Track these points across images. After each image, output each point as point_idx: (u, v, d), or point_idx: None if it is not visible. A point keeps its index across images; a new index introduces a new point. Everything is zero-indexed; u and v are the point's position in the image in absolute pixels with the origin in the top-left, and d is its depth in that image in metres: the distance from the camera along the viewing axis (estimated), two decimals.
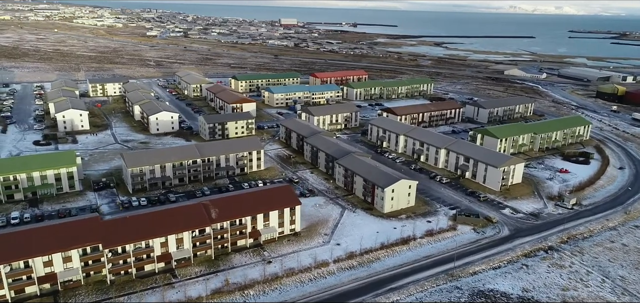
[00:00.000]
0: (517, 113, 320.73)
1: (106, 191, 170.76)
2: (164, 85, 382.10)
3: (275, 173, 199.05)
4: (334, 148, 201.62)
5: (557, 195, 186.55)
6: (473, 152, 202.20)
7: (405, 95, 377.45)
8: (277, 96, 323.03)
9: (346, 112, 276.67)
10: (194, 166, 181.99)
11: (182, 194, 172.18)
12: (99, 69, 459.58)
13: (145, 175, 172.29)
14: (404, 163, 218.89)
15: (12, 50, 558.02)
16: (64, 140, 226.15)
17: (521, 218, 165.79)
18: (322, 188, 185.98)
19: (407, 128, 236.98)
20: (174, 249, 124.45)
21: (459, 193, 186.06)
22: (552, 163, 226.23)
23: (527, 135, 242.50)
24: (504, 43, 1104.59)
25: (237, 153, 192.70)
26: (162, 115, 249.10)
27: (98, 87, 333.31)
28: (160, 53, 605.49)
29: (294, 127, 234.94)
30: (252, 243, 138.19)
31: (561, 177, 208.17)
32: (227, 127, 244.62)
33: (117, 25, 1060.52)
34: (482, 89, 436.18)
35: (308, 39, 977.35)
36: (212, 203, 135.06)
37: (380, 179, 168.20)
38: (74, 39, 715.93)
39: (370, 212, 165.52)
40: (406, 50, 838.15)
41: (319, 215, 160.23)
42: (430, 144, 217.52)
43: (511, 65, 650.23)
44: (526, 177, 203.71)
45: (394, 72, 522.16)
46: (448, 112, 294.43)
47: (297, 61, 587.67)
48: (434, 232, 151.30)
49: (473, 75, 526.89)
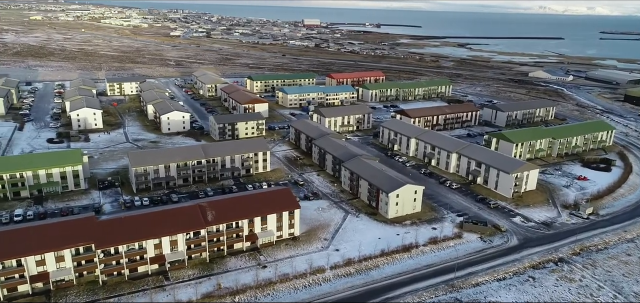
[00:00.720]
0: (537, 116, 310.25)
1: (111, 190, 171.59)
2: (180, 85, 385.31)
3: (281, 175, 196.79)
4: (341, 150, 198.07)
5: (572, 204, 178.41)
6: (485, 157, 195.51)
7: (422, 97, 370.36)
8: (291, 97, 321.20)
9: (358, 114, 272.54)
10: (198, 167, 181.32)
11: (185, 195, 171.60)
12: (120, 68, 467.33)
13: (149, 175, 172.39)
14: (414, 167, 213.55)
15: (38, 49, 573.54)
16: (76, 138, 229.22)
17: (532, 228, 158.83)
18: (328, 191, 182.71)
19: (418, 131, 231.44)
20: (168, 251, 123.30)
21: (469, 200, 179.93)
22: (570, 170, 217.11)
23: (545, 139, 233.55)
24: (530, 44, 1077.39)
25: (243, 154, 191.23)
26: (174, 115, 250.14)
27: (116, 86, 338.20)
28: (181, 53, 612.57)
29: (303, 128, 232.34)
30: (249, 246, 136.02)
31: (579, 185, 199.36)
32: (237, 127, 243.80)
33: (142, 25, 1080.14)
34: (503, 91, 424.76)
35: (330, 39, 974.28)
36: (209, 206, 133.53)
37: (384, 183, 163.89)
38: (99, 39, 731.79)
39: (374, 217, 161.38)
40: (428, 51, 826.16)
41: (321, 219, 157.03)
42: (441, 148, 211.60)
43: (536, 67, 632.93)
44: (541, 183, 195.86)
45: (414, 73, 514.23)
46: (464, 115, 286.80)
47: (316, 62, 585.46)
48: (438, 239, 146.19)
49: (495, 77, 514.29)
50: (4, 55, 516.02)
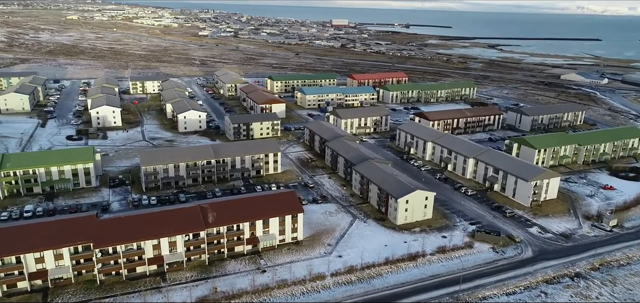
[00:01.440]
0: (565, 121, 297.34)
1: (121, 188, 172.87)
2: (202, 84, 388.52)
3: (292, 177, 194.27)
4: (353, 153, 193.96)
5: (595, 215, 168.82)
6: (503, 163, 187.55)
7: (445, 99, 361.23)
8: (309, 97, 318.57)
9: (376, 116, 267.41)
10: (208, 167, 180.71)
11: (193, 195, 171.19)
12: (145, 66, 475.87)
13: (159, 174, 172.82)
14: (430, 172, 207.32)
15: (70, 48, 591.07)
16: (94, 136, 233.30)
17: (549, 239, 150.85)
18: (337, 194, 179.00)
19: (435, 134, 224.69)
20: (166, 252, 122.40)
21: (484, 207, 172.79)
22: (596, 178, 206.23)
23: (570, 146, 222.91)
24: (565, 46, 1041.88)
25: (253, 155, 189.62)
26: (190, 114, 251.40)
27: (138, 84, 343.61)
28: (207, 52, 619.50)
29: (317, 129, 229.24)
30: (250, 250, 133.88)
31: (604, 194, 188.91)
32: (252, 127, 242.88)
33: (172, 25, 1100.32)
34: (531, 94, 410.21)
35: (357, 39, 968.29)
36: (210, 207, 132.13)
37: (394, 189, 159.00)
38: (129, 38, 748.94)
39: (382, 223, 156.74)
40: (457, 52, 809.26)
41: (327, 224, 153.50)
42: (458, 153, 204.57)
43: (569, 69, 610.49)
44: (563, 192, 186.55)
45: (438, 75, 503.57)
46: (486, 118, 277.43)
47: (340, 62, 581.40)
48: (446, 248, 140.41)
49: (524, 80, 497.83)
50: (38, 53, 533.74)
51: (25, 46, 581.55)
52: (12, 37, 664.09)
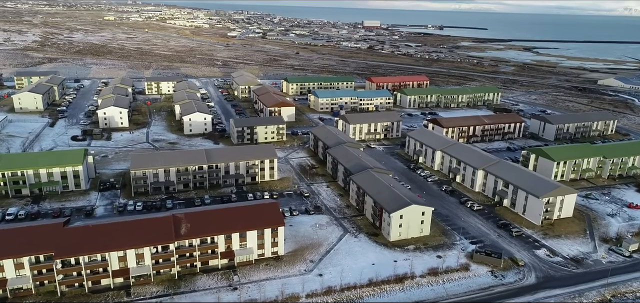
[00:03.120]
0: (594, 131, 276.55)
1: (111, 192, 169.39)
2: (219, 85, 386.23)
3: (288, 184, 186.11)
4: (353, 161, 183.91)
5: (614, 237, 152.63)
6: (513, 177, 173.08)
7: (466, 104, 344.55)
8: (322, 101, 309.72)
9: (387, 121, 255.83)
10: (199, 172, 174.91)
11: (182, 201, 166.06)
12: (168, 67, 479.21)
13: (148, 178, 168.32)
14: (436, 182, 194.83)
15: (100, 48, 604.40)
16: (98, 136, 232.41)
17: (557, 264, 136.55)
18: (333, 205, 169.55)
19: (445, 143, 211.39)
20: (133, 264, 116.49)
21: (489, 225, 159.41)
22: (621, 196, 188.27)
23: (594, 158, 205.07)
24: (607, 49, 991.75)
25: (248, 161, 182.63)
26: (196, 116, 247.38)
27: (153, 85, 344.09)
28: (231, 53, 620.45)
29: (322, 135, 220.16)
30: (226, 264, 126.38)
31: (628, 214, 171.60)
32: (257, 131, 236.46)
33: (203, 25, 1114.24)
34: (561, 100, 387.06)
35: (387, 41, 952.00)
36: (184, 217, 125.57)
37: (388, 202, 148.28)
38: (158, 39, 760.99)
39: (374, 238, 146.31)
40: (489, 55, 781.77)
41: (314, 238, 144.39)
42: (467, 163, 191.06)
43: (608, 73, 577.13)
44: (581, 210, 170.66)
45: (464, 79, 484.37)
46: (506, 126, 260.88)
47: (363, 64, 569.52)
48: (439, 271, 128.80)
49: (557, 85, 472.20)
50: (68, 53, 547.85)
51: (57, 46, 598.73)
52: (46, 37, 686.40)
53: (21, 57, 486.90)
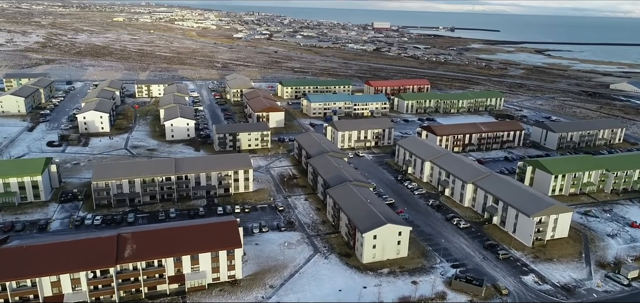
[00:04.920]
0: (600, 139, 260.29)
1: (73, 204, 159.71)
2: (213, 89, 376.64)
3: (264, 196, 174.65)
4: (333, 173, 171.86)
5: (612, 262, 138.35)
6: (503, 192, 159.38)
7: (466, 110, 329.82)
8: (314, 105, 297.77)
9: (378, 128, 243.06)
10: (167, 183, 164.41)
11: (146, 214, 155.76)
12: (165, 69, 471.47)
13: (111, 190, 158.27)
14: (424, 196, 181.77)
15: (101, 49, 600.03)
16: (74, 142, 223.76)
17: (546, 293, 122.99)
18: (307, 221, 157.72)
19: (435, 153, 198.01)
20: (68, 290, 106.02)
21: (475, 245, 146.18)
22: (624, 213, 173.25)
23: (596, 171, 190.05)
24: (622, 52, 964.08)
25: (221, 171, 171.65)
26: (178, 122, 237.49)
27: (144, 88, 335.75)
28: (233, 55, 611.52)
29: (305, 143, 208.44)
30: (175, 289, 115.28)
31: (630, 234, 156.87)
32: (239, 138, 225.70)
33: (211, 27, 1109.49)
34: (569, 105, 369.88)
35: (395, 43, 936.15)
36: (131, 237, 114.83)
37: (362, 220, 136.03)
38: (163, 40, 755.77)
39: (347, 260, 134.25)
40: (499, 58, 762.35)
41: (280, 259, 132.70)
42: (456, 176, 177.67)
43: (621, 77, 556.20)
44: (578, 229, 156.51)
45: (468, 82, 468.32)
46: (505, 134, 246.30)
47: (366, 67, 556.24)
48: (410, 299, 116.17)
49: (566, 89, 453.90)
50: (68, 54, 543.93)
51: (58, 47, 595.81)
52: (50, 38, 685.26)
53: (20, 58, 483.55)
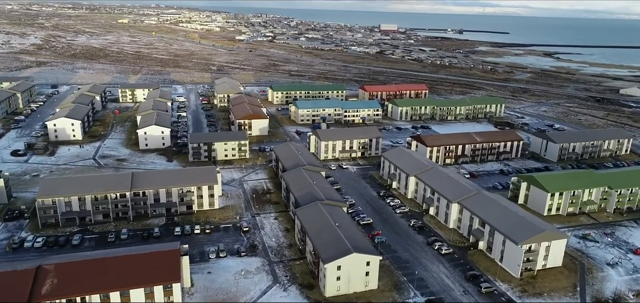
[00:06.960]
0: (604, 150, 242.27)
1: (18, 222, 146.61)
2: (202, 93, 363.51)
3: (229, 215, 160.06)
4: (305, 190, 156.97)
5: (611, 298, 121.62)
6: (490, 214, 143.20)
7: (464, 117, 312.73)
8: (302, 112, 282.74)
9: (365, 138, 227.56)
10: (122, 200, 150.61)
11: (95, 235, 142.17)
12: (157, 72, 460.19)
13: (59, 207, 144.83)
14: (406, 215, 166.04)
15: (97, 51, 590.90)
16: (40, 151, 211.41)
17: None
18: (273, 244, 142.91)
19: (420, 167, 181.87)
20: None
21: (456, 275, 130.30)
22: (627, 237, 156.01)
23: (597, 189, 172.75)
24: (634, 55, 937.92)
25: (182, 187, 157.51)
26: (152, 130, 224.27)
27: (128, 92, 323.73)
28: (231, 58, 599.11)
29: (282, 154, 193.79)
30: None
31: (633, 263, 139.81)
32: (215, 148, 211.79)
33: (214, 29, 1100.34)
34: (574, 112, 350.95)
35: (401, 46, 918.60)
36: (54, 269, 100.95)
37: (325, 248, 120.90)
38: (162, 42, 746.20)
39: (308, 292, 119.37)
40: (506, 61, 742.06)
41: (232, 290, 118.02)
42: (441, 194, 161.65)
43: (632, 82, 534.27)
44: (574, 256, 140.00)
45: (470, 87, 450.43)
46: (501, 145, 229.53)
47: (366, 70, 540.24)
48: None
49: (573, 94, 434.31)
50: (62, 56, 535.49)
51: (54, 49, 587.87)
52: (47, 40, 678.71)
53: (11, 61, 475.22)
